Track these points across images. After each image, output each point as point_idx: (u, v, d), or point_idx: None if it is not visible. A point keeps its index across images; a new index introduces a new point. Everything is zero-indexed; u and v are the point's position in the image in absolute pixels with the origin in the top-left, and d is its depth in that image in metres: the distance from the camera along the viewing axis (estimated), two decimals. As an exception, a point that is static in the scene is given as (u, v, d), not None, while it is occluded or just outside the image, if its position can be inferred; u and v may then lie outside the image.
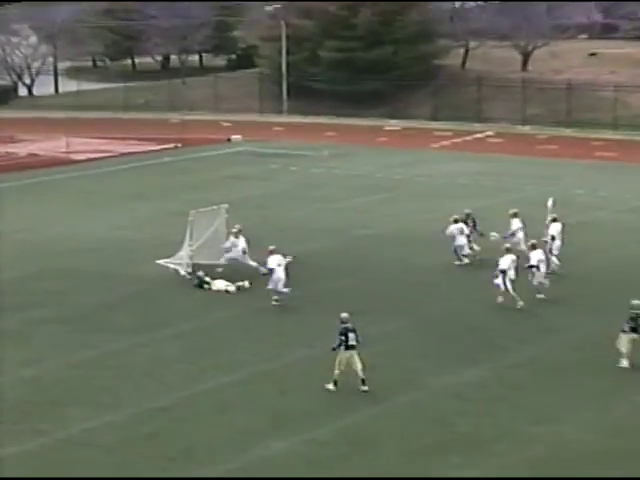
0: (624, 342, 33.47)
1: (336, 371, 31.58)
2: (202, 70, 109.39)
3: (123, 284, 43.25)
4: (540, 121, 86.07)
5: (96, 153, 74.63)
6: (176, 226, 45.68)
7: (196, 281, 42.18)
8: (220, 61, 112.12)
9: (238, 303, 40.89)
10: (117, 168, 69.72)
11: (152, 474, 27.29)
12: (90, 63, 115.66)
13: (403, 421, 30.03)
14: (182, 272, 43.89)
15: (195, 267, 43.83)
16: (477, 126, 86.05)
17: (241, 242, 43.57)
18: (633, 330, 33.32)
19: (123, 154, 74.45)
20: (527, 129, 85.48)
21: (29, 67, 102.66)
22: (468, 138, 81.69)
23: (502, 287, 39.26)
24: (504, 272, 39.21)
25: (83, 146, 76.15)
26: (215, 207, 46.51)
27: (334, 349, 31.60)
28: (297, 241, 49.04)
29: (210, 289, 41.85)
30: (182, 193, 58.32)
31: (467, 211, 46.08)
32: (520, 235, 44.22)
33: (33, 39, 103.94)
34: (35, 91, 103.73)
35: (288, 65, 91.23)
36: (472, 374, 33.30)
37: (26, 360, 34.70)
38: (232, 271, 43.22)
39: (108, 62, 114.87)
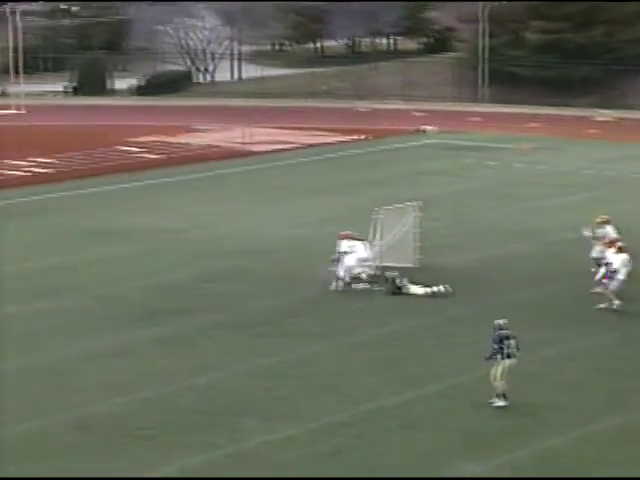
0: None
1: (496, 383, 31.55)
2: (392, 54, 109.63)
3: (302, 287, 43.43)
4: None
5: (277, 144, 75.26)
6: (361, 225, 45.63)
7: (389, 287, 42.10)
8: (412, 45, 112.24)
9: (430, 310, 40.72)
10: (299, 161, 70.19)
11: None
12: (271, 47, 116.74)
13: (610, 447, 29.46)
14: (369, 273, 43.93)
15: (383, 269, 43.88)
16: None
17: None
18: None
19: (306, 146, 74.89)
20: None
21: (207, 51, 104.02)
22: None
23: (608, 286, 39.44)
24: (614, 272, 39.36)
25: (264, 137, 76.79)
26: (404, 205, 46.44)
27: (487, 359, 31.65)
28: (494, 244, 48.77)
29: (401, 293, 41.80)
30: (369, 189, 58.35)
31: None
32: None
33: (213, 21, 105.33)
34: (214, 77, 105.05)
35: (489, 49, 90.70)
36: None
37: (196, 368, 35.04)
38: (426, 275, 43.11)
39: (292, 46, 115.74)
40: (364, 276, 43.48)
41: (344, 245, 42.99)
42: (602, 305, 39.84)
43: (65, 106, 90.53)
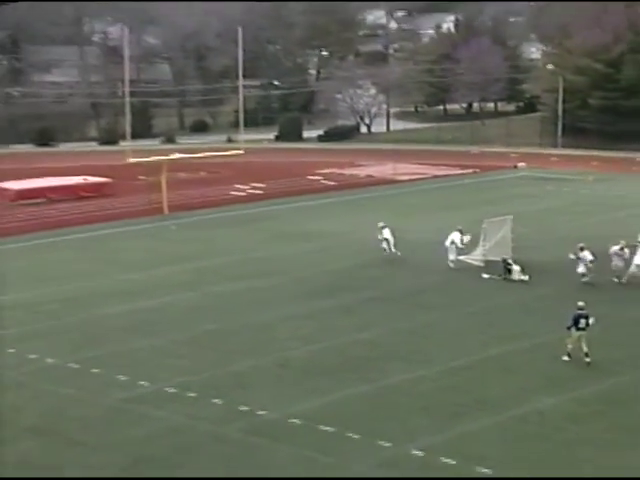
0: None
1: (569, 346, 31.10)
2: (496, 114, 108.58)
3: (431, 274, 43.30)
4: None
5: (415, 175, 75.03)
6: (472, 232, 45.34)
7: (502, 265, 41.90)
8: (510, 107, 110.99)
9: (522, 290, 40.29)
10: (430, 187, 69.93)
11: (447, 418, 27.20)
12: (413, 109, 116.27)
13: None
14: (477, 264, 43.73)
15: (487, 263, 43.60)
16: None
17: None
18: None
19: (435, 176, 74.58)
20: None
21: (369, 111, 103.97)
22: None
23: None
24: None
25: (406, 170, 76.69)
26: (502, 217, 46.03)
27: (568, 328, 30.99)
28: (565, 246, 47.87)
29: (506, 278, 41.29)
30: (478, 206, 57.90)
31: None
32: None
33: (373, 91, 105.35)
34: (373, 129, 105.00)
35: (563, 110, 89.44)
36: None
37: (359, 327, 35.15)
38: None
39: (426, 108, 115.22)
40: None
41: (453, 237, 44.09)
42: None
43: (272, 149, 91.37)
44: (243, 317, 36.74)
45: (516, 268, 41.41)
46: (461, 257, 44.48)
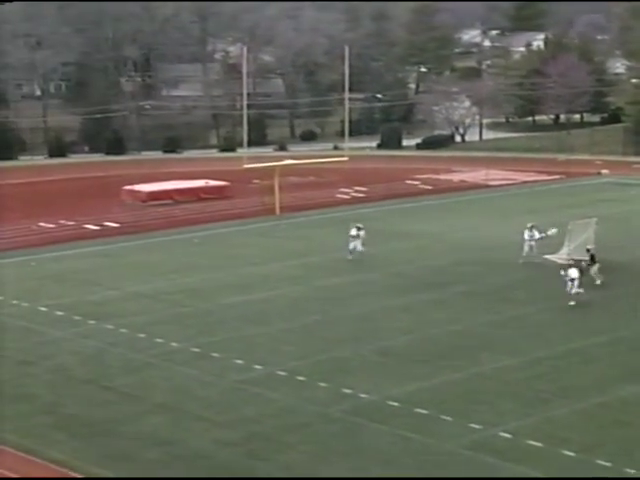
0: None
1: None
2: (582, 124, 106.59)
3: (517, 271, 42.79)
4: None
5: (505, 180, 74.14)
6: (559, 232, 44.68)
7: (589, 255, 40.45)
8: (595, 118, 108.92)
9: (602, 287, 39.50)
10: (519, 191, 69.04)
11: (533, 404, 26.91)
12: (504, 119, 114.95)
13: None
14: (562, 262, 43.03)
15: (573, 262, 42.87)
16: None
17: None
18: None
19: (524, 182, 73.59)
20: None
21: (463, 122, 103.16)
22: None
23: None
24: None
25: (496, 176, 75.75)
26: (587, 220, 45.27)
27: None
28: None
29: (588, 266, 39.64)
30: (564, 209, 56.92)
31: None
32: None
33: (467, 103, 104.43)
34: (466, 138, 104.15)
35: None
36: None
37: (452, 319, 34.92)
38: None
39: (516, 119, 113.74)
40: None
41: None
42: None
43: (374, 156, 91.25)
44: (346, 308, 36.84)
45: (596, 267, 40.27)
46: (547, 256, 43.87)
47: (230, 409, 26.89)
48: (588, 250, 40.28)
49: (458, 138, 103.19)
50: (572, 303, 36.26)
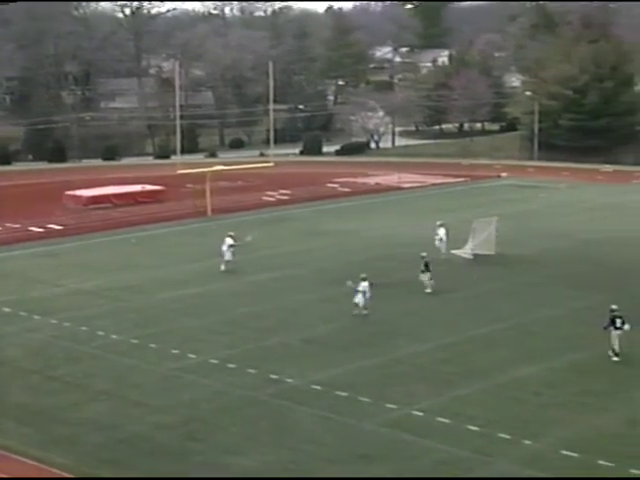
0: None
1: (615, 346, 28.67)
2: (483, 132, 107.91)
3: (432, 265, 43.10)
4: None
5: (416, 183, 74.63)
6: (464, 229, 45.26)
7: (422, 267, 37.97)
8: (495, 126, 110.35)
9: (506, 278, 40.15)
10: (428, 193, 69.64)
11: (442, 385, 27.20)
12: (414, 128, 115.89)
13: None
14: (466, 257, 43.62)
15: (475, 256, 43.55)
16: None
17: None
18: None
19: (433, 184, 74.26)
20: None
21: (377, 130, 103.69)
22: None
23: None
24: None
25: (408, 179, 76.28)
26: (489, 218, 45.93)
27: (605, 328, 28.85)
28: (542, 241, 47.94)
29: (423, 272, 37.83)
30: (468, 209, 57.65)
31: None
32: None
33: (381, 113, 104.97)
34: (381, 145, 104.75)
35: (539, 129, 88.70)
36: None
37: (370, 309, 35.00)
38: (502, 259, 42.50)
39: (425, 127, 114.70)
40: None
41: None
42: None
43: (297, 162, 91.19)
44: (273, 301, 36.81)
45: (428, 275, 37.34)
46: (453, 251, 44.38)
47: (167, 395, 26.69)
48: (423, 257, 37.70)
49: (373, 145, 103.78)
50: (363, 312, 33.89)
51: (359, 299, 33.80)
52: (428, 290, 37.28)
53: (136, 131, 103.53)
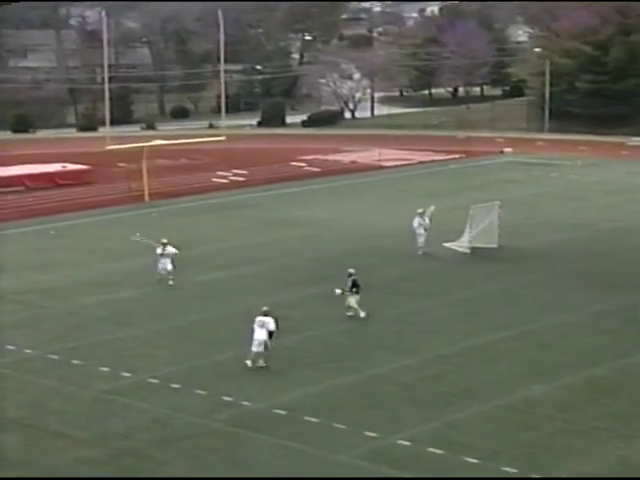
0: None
1: None
2: (482, 98, 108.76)
3: (416, 261, 43.38)
4: None
5: (400, 161, 74.99)
6: (460, 218, 45.45)
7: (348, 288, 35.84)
8: (497, 91, 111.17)
9: (505, 278, 40.45)
10: (416, 173, 69.99)
11: (434, 407, 27.34)
12: (398, 93, 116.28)
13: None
14: (463, 251, 43.86)
15: (473, 249, 43.77)
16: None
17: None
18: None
19: (421, 162, 74.61)
20: None
21: (353, 96, 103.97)
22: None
23: None
24: None
25: (391, 156, 76.63)
26: (490, 203, 46.18)
27: None
28: (554, 232, 48.28)
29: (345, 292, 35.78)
30: (465, 192, 57.95)
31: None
32: None
33: (357, 75, 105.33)
34: (357, 114, 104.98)
35: (550, 94, 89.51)
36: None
37: (343, 316, 35.06)
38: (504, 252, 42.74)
39: (411, 92, 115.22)
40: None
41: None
42: None
43: (254, 135, 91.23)
44: (226, 306, 36.78)
45: (355, 298, 34.93)
46: (447, 244, 44.59)
47: (95, 423, 26.55)
48: (350, 275, 35.21)
49: (348, 114, 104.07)
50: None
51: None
52: (362, 315, 34.78)
53: (54, 97, 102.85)
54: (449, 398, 27.89)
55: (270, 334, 30.08)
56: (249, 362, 30.07)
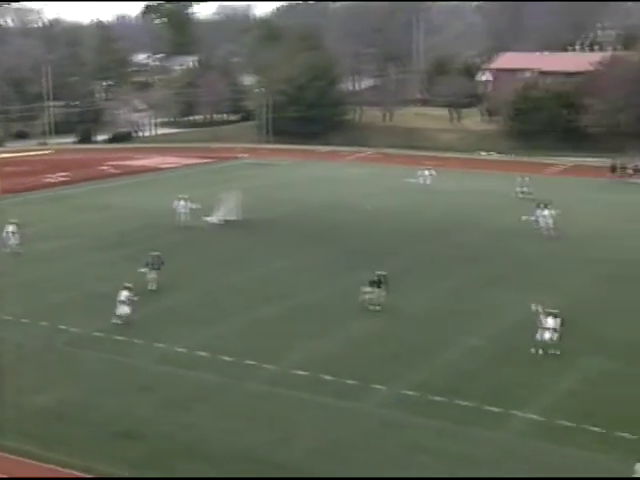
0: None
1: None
2: (227, 122, 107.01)
3: (184, 231, 42.47)
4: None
5: (174, 164, 73.41)
6: (213, 201, 44.82)
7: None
8: (237, 117, 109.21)
9: (248, 237, 40.20)
10: (184, 172, 68.42)
11: (200, 325, 27.15)
12: (172, 119, 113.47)
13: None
14: (216, 222, 43.47)
15: (225, 222, 43.39)
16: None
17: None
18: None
19: (187, 164, 73.21)
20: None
21: (140, 122, 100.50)
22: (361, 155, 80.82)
23: None
24: None
25: (168, 161, 74.96)
26: (234, 191, 45.86)
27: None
28: (276, 208, 48.47)
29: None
30: (218, 184, 55.30)
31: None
32: None
33: (142, 107, 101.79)
34: (145, 134, 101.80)
35: (272, 119, 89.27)
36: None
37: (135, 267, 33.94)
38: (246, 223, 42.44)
39: (180, 118, 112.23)
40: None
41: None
42: None
43: (73, 149, 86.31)
44: (56, 266, 35.01)
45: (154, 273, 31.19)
46: (205, 218, 43.93)
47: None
48: (158, 256, 31.48)
49: (139, 134, 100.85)
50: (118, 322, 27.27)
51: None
52: (153, 287, 30.83)
53: None
54: (210, 318, 27.64)
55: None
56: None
